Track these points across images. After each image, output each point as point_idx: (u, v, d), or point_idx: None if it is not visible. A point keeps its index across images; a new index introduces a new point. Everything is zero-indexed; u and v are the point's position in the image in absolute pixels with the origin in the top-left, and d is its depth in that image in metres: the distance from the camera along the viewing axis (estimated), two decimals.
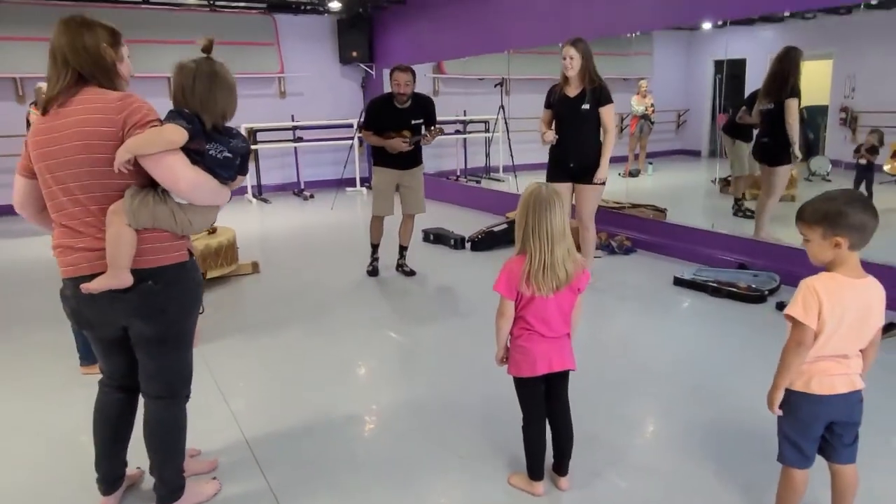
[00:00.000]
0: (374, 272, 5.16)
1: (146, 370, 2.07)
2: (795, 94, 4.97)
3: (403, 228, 5.17)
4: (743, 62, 6.92)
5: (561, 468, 2.32)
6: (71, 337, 3.35)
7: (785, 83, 5.02)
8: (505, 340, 2.24)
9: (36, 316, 4.32)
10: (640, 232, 5.89)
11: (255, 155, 9.37)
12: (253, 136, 9.18)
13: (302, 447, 2.68)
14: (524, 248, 2.11)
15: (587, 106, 4.37)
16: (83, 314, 1.98)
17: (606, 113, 4.40)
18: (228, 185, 2.05)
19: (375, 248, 5.20)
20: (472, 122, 9.94)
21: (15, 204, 2.05)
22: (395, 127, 4.79)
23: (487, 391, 3.02)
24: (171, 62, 1.93)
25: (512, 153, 8.52)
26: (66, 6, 7.92)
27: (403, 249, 5.25)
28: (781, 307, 3.62)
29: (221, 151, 1.97)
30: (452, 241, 6.11)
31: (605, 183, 4.56)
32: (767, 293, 4.32)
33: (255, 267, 5.38)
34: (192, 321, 2.10)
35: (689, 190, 8.29)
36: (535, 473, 2.28)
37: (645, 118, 8.58)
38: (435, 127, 4.93)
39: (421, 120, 4.87)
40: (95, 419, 2.17)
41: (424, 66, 8.89)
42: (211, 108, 1.94)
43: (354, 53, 9.71)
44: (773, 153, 5.29)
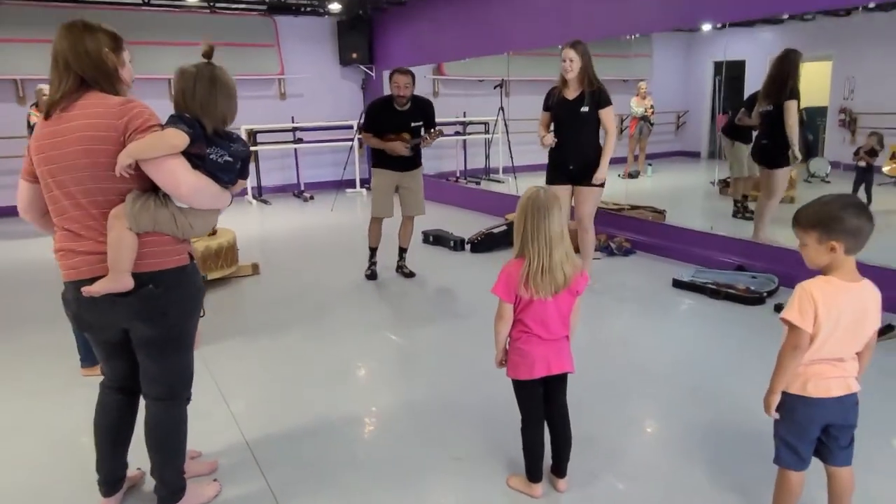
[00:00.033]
0: (372, 276, 5.13)
1: (147, 372, 2.08)
2: (794, 96, 4.99)
3: (403, 230, 5.17)
4: (742, 63, 6.93)
5: (559, 470, 2.33)
6: (72, 338, 3.36)
7: (784, 85, 5.03)
8: (504, 343, 2.25)
9: (37, 317, 4.33)
10: (639, 233, 5.90)
11: (255, 156, 9.38)
12: (253, 137, 9.20)
13: (302, 448, 2.70)
14: (522, 251, 2.12)
15: (586, 108, 4.38)
16: (84, 317, 1.99)
17: (607, 115, 4.42)
18: (229, 189, 2.06)
19: (374, 251, 5.18)
20: (471, 123, 9.96)
21: (19, 208, 2.06)
22: (394, 129, 4.80)
23: (487, 393, 3.03)
24: (171, 64, 1.94)
25: (511, 154, 8.53)
26: (66, 8, 7.95)
27: (403, 251, 5.26)
28: (780, 309, 3.63)
29: (222, 155, 1.98)
30: (452, 242, 6.12)
31: (604, 185, 4.57)
32: (766, 295, 4.33)
33: (255, 268, 5.39)
34: (192, 324, 2.11)
35: (688, 191, 8.30)
36: (533, 475, 2.29)
37: (644, 120, 8.59)
38: (434, 129, 4.93)
39: (420, 122, 4.87)
40: (96, 420, 2.18)
41: (424, 67, 8.91)
42: (211, 112, 1.96)
43: (354, 55, 9.73)
44: (771, 155, 5.30)
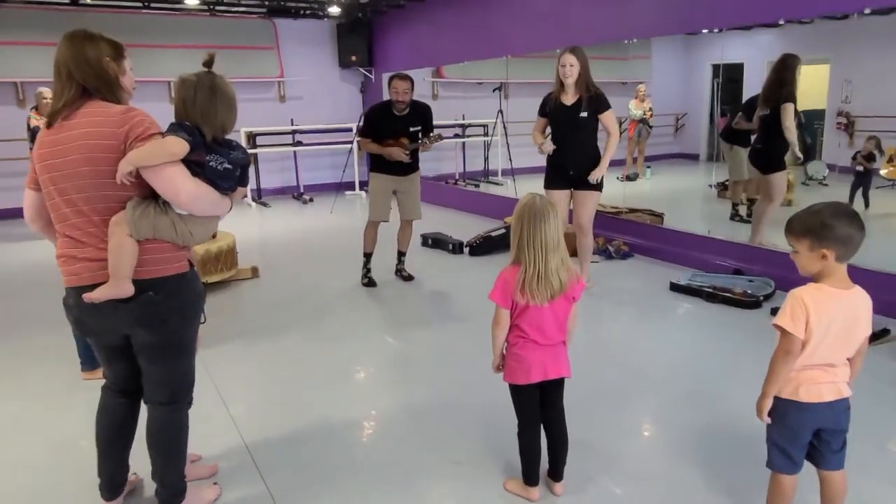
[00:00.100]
0: (370, 283, 5.06)
1: (149, 377, 2.10)
2: (790, 99, 5.00)
3: (402, 234, 5.19)
4: (741, 66, 6.95)
5: (556, 474, 2.35)
6: (72, 342, 3.37)
7: (780, 89, 5.06)
8: (501, 348, 2.27)
9: (38, 320, 4.34)
10: (637, 237, 5.92)
11: (254, 159, 9.40)
12: (252, 139, 9.23)
13: (301, 452, 2.71)
14: (519, 257, 2.14)
15: (585, 114, 4.40)
16: (86, 323, 2.02)
17: (608, 119, 4.45)
18: (229, 196, 2.08)
19: (368, 257, 5.11)
20: (470, 126, 9.98)
21: (26, 217, 2.09)
22: (393, 134, 4.81)
23: (485, 396, 3.04)
24: (171, 67, 1.98)
25: (511, 157, 8.55)
26: (66, 11, 7.97)
27: (402, 255, 5.28)
28: (776, 313, 3.65)
29: (221, 163, 2.00)
30: (451, 245, 6.15)
31: (602, 188, 4.60)
32: (762, 298, 4.35)
33: (254, 272, 5.41)
34: (193, 330, 2.13)
35: (686, 194, 8.31)
36: (530, 479, 2.32)
37: (643, 122, 8.60)
38: (433, 134, 4.95)
39: (419, 127, 4.89)
40: (98, 423, 2.20)
41: (423, 70, 8.94)
42: (211, 120, 1.98)
43: (354, 58, 9.76)
44: (765, 160, 5.34)
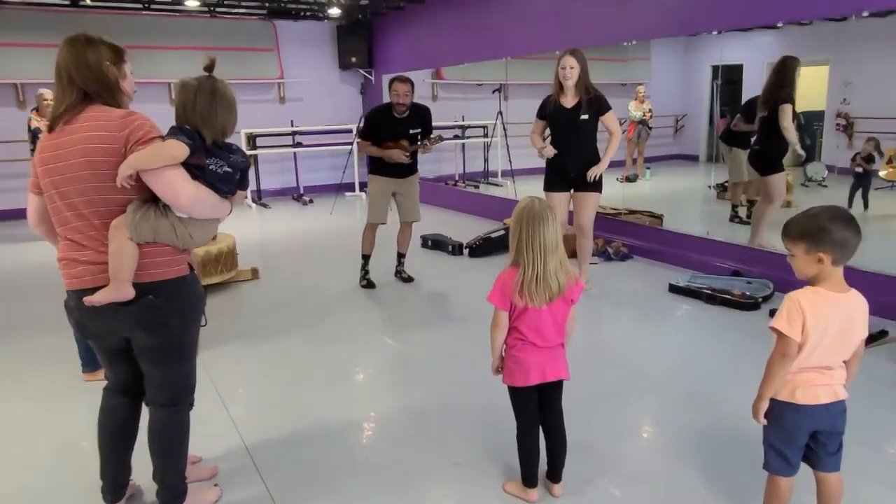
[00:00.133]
0: (368, 285, 5.08)
1: (150, 379, 2.12)
2: (788, 99, 5.00)
3: (402, 236, 5.20)
4: (740, 67, 6.97)
5: (555, 476, 2.36)
6: (73, 343, 3.38)
7: (779, 91, 5.07)
8: (499, 350, 2.28)
9: (39, 321, 4.35)
10: (636, 238, 5.93)
11: (254, 160, 9.42)
12: (253, 141, 9.24)
13: (301, 453, 2.73)
14: (517, 260, 2.15)
15: (586, 116, 4.42)
16: (87, 326, 2.03)
17: (610, 120, 4.48)
18: (229, 199, 2.10)
19: (367, 259, 5.13)
20: (470, 127, 10.00)
21: (30, 221, 2.10)
22: (393, 137, 4.82)
23: (484, 398, 3.05)
24: (171, 68, 1.99)
25: (510, 158, 8.57)
26: (67, 13, 7.98)
27: (402, 256, 5.29)
28: (775, 314, 3.67)
29: (221, 166, 2.01)
30: (450, 247, 6.16)
31: (601, 189, 4.61)
32: (761, 300, 4.36)
33: (254, 273, 5.42)
34: (193, 333, 2.14)
35: (686, 195, 8.32)
36: (529, 480, 2.33)
37: (643, 123, 8.61)
38: (434, 135, 4.97)
39: (419, 129, 4.90)
40: (100, 424, 2.20)
41: (423, 71, 8.95)
42: (211, 123, 1.99)
43: (354, 59, 9.78)
44: (763, 161, 5.35)
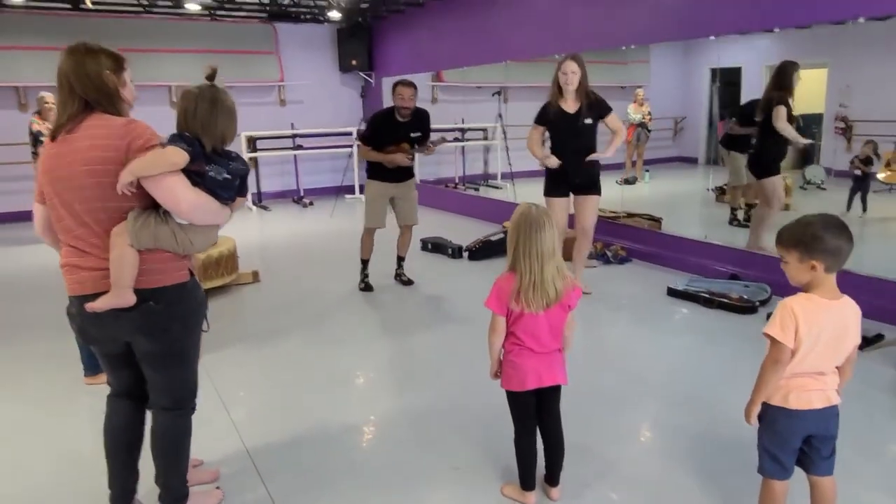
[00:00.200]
0: (367, 288, 5.11)
1: (152, 383, 2.14)
2: (782, 101, 5.03)
3: (401, 240, 5.21)
4: (739, 70, 7.00)
5: (552, 479, 2.38)
6: (75, 346, 3.39)
7: (774, 94, 5.10)
8: (497, 355, 2.30)
9: (41, 324, 4.37)
10: (635, 241, 5.95)
11: (255, 162, 9.45)
12: (253, 143, 9.26)
13: (302, 456, 2.75)
14: (514, 265, 2.18)
15: (589, 120, 4.45)
16: (89, 331, 2.05)
17: (613, 120, 4.52)
18: (229, 205, 2.12)
19: (366, 263, 5.15)
20: (470, 129, 10.03)
21: (36, 230, 2.13)
22: (395, 141, 4.83)
23: (484, 401, 3.06)
24: (172, 71, 2.01)
25: (510, 161, 8.59)
26: (68, 16, 8.01)
27: (401, 260, 5.31)
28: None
29: (221, 173, 2.04)
30: (450, 250, 6.18)
31: (601, 193, 4.65)
32: (758, 304, 4.38)
33: (255, 276, 5.44)
34: (194, 338, 2.16)
35: (685, 197, 8.35)
36: (526, 484, 2.35)
37: (642, 126, 8.64)
38: (438, 137, 4.99)
39: (419, 133, 4.93)
40: (106, 431, 2.21)
41: (423, 74, 8.97)
42: (211, 131, 2.02)
43: (354, 62, 9.81)
44: (757, 165, 5.38)
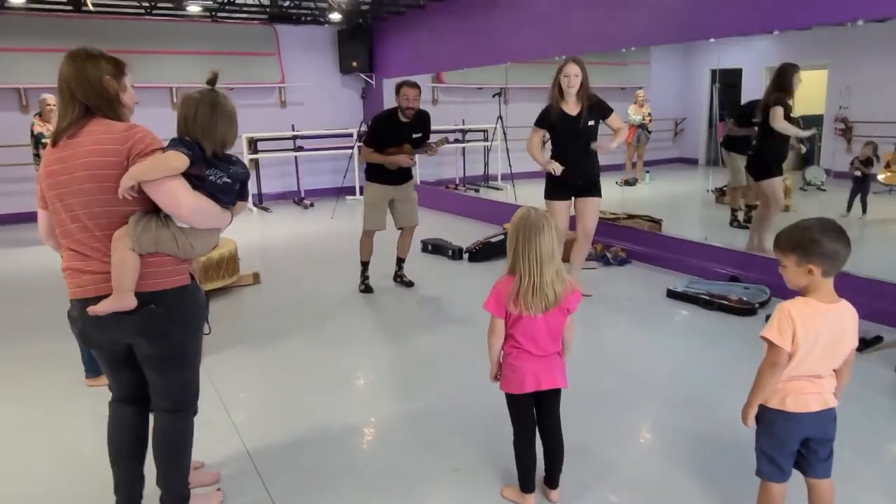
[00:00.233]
0: (367, 290, 5.12)
1: (154, 386, 2.15)
2: (779, 102, 5.03)
3: (403, 242, 5.21)
4: (739, 71, 7.00)
5: (552, 481, 2.39)
6: (76, 348, 3.40)
7: (772, 95, 5.11)
8: (497, 357, 2.31)
9: (42, 326, 4.37)
10: (635, 243, 5.96)
11: (256, 164, 9.47)
12: (254, 145, 9.28)
13: (302, 457, 2.76)
14: (514, 268, 2.19)
15: (591, 122, 4.46)
16: (90, 335, 2.06)
17: (615, 120, 4.53)
18: (230, 209, 2.13)
19: (366, 266, 5.16)
20: (470, 131, 10.04)
21: (41, 234, 2.14)
22: (396, 142, 4.85)
23: (484, 403, 3.07)
24: (173, 73, 2.02)
25: (510, 162, 8.60)
26: (69, 18, 8.03)
27: (402, 261, 5.31)
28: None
29: (221, 177, 2.05)
30: (450, 251, 6.19)
31: (601, 195, 4.66)
32: (758, 306, 4.38)
33: (255, 278, 5.46)
34: (195, 341, 2.17)
35: (685, 199, 8.35)
36: (526, 486, 2.35)
37: (642, 127, 8.65)
38: (441, 137, 5.01)
39: (420, 133, 4.94)
40: (110, 438, 2.21)
41: (423, 75, 8.98)
42: (211, 135, 2.03)
43: (354, 63, 9.82)
44: (757, 166, 5.39)
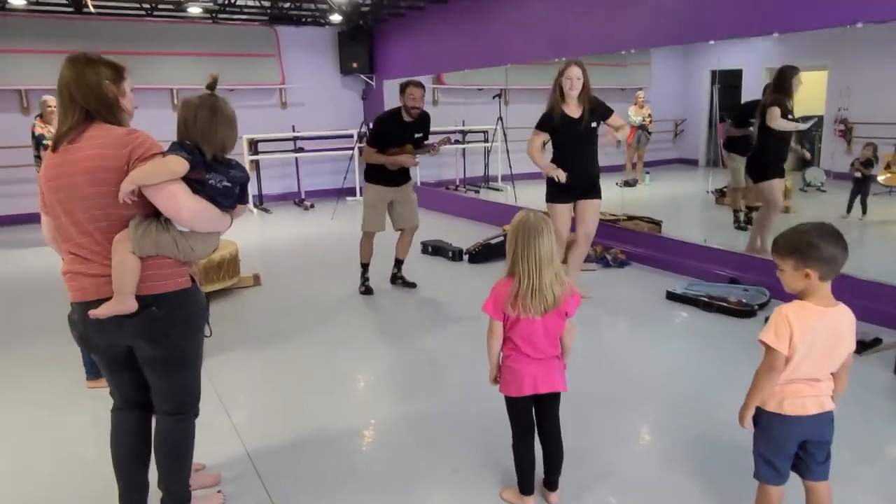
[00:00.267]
0: (367, 291, 5.13)
1: (156, 389, 2.16)
2: (776, 103, 5.03)
3: (403, 243, 5.21)
4: (739, 72, 7.01)
5: (551, 483, 2.39)
6: (77, 350, 3.39)
7: (770, 97, 5.12)
8: (496, 359, 2.32)
9: (43, 327, 4.37)
10: (634, 245, 5.97)
11: (256, 165, 9.48)
12: (254, 146, 9.29)
13: (302, 459, 2.77)
14: (513, 271, 2.20)
15: (594, 124, 4.48)
16: (90, 338, 2.07)
17: (616, 119, 4.55)
18: (229, 213, 2.14)
19: (366, 267, 5.18)
20: (471, 132, 10.05)
21: (46, 238, 2.15)
22: (399, 142, 4.85)
23: (484, 404, 3.07)
24: (174, 74, 2.02)
25: (510, 163, 8.61)
26: (70, 19, 8.04)
27: (401, 263, 5.31)
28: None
29: (221, 181, 2.06)
30: (450, 253, 6.20)
31: (601, 197, 4.67)
32: (757, 308, 4.38)
33: (256, 279, 5.47)
34: (196, 344, 2.18)
35: (685, 200, 8.35)
36: (525, 488, 2.36)
37: (642, 129, 8.66)
38: (442, 137, 5.03)
39: (421, 133, 4.96)
40: (113, 445, 2.21)
41: (423, 77, 8.99)
42: (211, 139, 2.04)
43: (355, 65, 9.83)
44: (755, 168, 5.40)
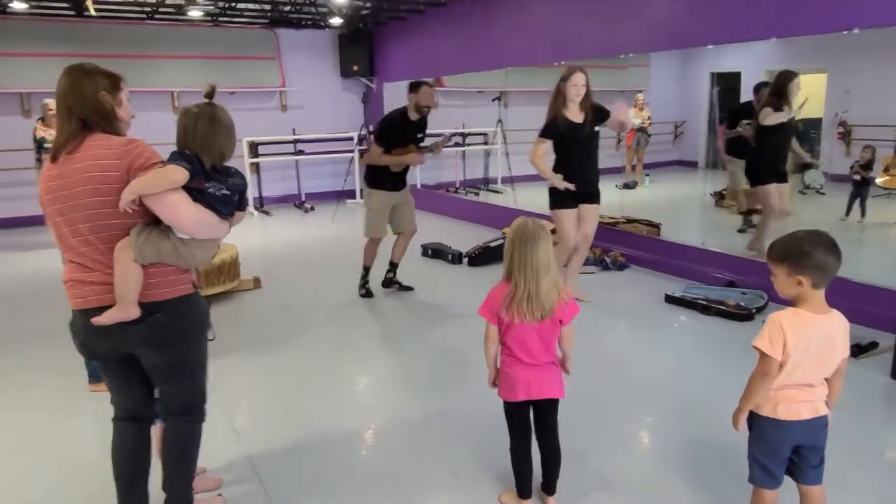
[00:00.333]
0: (367, 294, 5.16)
1: (162, 392, 2.19)
2: (768, 104, 5.05)
3: (400, 246, 5.21)
4: (738, 75, 7.02)
5: (548, 487, 2.41)
6: (79, 353, 3.42)
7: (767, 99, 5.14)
8: (494, 363, 2.34)
9: (45, 331, 4.38)
10: (633, 248, 5.98)
11: (256, 168, 9.50)
12: (254, 149, 9.31)
13: (303, 463, 2.79)
14: (510, 275, 2.22)
15: (597, 128, 4.50)
16: (93, 346, 2.09)
17: (614, 115, 4.56)
18: (228, 220, 2.17)
19: (367, 271, 5.20)
20: (471, 134, 10.07)
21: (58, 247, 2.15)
22: (403, 142, 4.88)
23: (483, 408, 3.08)
24: (175, 77, 2.04)
25: (510, 165, 8.63)
26: (71, 23, 8.07)
27: (395, 266, 5.30)
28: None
29: (220, 189, 2.09)
30: (450, 256, 6.21)
31: (600, 202, 4.70)
32: (755, 311, 4.39)
33: (256, 282, 5.48)
34: (200, 348, 2.21)
35: (685, 202, 8.36)
36: (522, 492, 2.38)
37: (642, 131, 8.68)
38: (444, 137, 5.07)
39: (421, 134, 4.99)
40: (115, 455, 2.23)
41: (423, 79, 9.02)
42: (210, 149, 2.07)
43: (355, 67, 9.86)
44: (751, 172, 5.42)
